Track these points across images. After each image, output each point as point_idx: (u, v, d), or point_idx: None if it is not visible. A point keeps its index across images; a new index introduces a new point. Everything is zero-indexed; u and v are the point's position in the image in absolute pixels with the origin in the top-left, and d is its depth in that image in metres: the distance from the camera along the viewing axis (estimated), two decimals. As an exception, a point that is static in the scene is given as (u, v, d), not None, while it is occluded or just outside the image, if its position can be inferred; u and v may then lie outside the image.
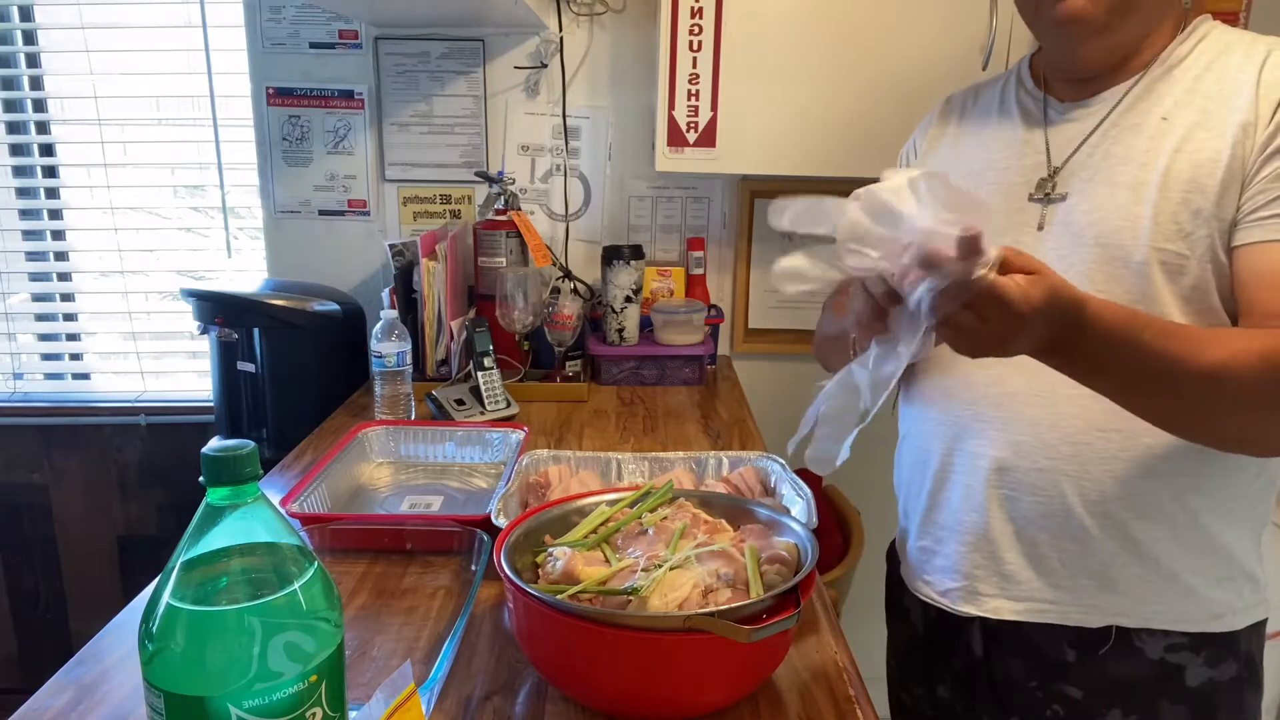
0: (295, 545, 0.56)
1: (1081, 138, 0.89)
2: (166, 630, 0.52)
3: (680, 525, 0.85)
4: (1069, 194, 0.88)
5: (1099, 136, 0.87)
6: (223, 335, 1.67)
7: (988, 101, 1.02)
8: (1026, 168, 0.92)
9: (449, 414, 1.51)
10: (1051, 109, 0.93)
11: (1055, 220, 0.88)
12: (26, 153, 2.09)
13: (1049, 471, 0.87)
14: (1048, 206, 0.89)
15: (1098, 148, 0.87)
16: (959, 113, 1.05)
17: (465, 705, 0.78)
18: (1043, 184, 0.90)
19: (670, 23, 1.53)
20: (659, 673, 0.71)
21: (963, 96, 1.07)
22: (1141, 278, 0.82)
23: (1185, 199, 0.80)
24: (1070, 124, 0.90)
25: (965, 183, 0.86)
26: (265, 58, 1.86)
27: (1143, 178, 0.83)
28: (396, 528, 1.07)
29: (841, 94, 1.56)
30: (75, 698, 0.77)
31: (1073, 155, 0.89)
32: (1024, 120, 0.95)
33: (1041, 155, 0.91)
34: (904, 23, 1.53)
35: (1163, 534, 0.86)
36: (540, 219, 1.92)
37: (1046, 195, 0.89)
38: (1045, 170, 0.90)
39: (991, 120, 0.99)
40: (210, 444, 0.54)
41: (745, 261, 1.93)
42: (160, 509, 2.19)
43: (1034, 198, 0.90)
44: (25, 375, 2.19)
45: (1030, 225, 0.90)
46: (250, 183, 1.99)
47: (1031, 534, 0.90)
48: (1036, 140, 0.92)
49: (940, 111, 1.08)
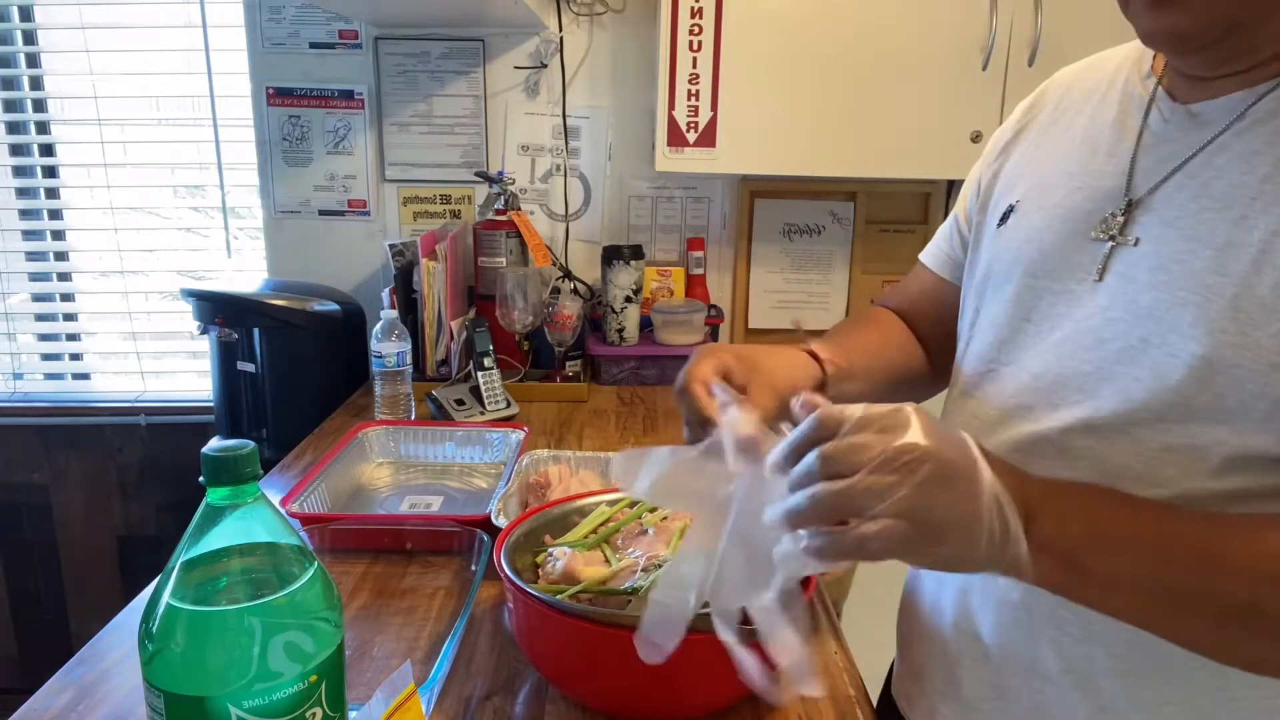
0: (295, 545, 0.56)
1: (1179, 159, 0.63)
2: (166, 630, 0.52)
3: (680, 525, 0.85)
4: (1141, 239, 0.63)
5: (1200, 163, 0.61)
6: (223, 335, 1.67)
7: (1097, 82, 0.74)
8: (1099, 192, 0.67)
9: (449, 414, 1.51)
10: (1156, 110, 0.66)
11: (1114, 272, 0.64)
12: (26, 153, 2.09)
13: (1021, 598, 0.67)
14: (1113, 253, 0.65)
15: (1193, 179, 0.61)
16: (1057, 98, 0.78)
17: (465, 705, 0.78)
18: (1111, 218, 0.65)
19: (670, 23, 1.53)
20: (659, 673, 0.71)
21: (1072, 74, 0.78)
22: (1196, 379, 0.57)
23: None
24: (1173, 136, 0.64)
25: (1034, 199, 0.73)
26: (265, 58, 1.86)
27: (1238, 238, 0.57)
28: (396, 528, 1.07)
29: (841, 94, 1.56)
30: (75, 698, 0.77)
31: (1161, 184, 0.63)
32: (1118, 120, 0.69)
33: (1121, 177, 0.66)
34: (904, 23, 1.53)
35: (1176, 696, 0.63)
36: (540, 219, 1.92)
37: (1111, 236, 0.65)
38: (1121, 198, 0.65)
39: (1087, 111, 0.73)
40: (210, 444, 0.54)
41: (745, 261, 1.93)
42: (160, 509, 2.19)
43: (1097, 237, 0.66)
44: (25, 375, 2.18)
45: (1085, 273, 0.66)
46: (250, 183, 1.99)
47: (998, 662, 0.71)
48: (1121, 153, 0.67)
49: (1034, 96, 0.81)
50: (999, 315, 0.73)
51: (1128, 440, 0.62)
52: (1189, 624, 0.53)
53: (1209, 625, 0.52)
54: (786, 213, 1.91)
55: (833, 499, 0.49)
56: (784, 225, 1.91)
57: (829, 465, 0.50)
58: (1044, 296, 0.69)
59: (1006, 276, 0.73)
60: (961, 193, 0.88)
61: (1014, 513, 0.50)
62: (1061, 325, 0.67)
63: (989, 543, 0.49)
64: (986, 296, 0.76)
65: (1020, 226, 0.73)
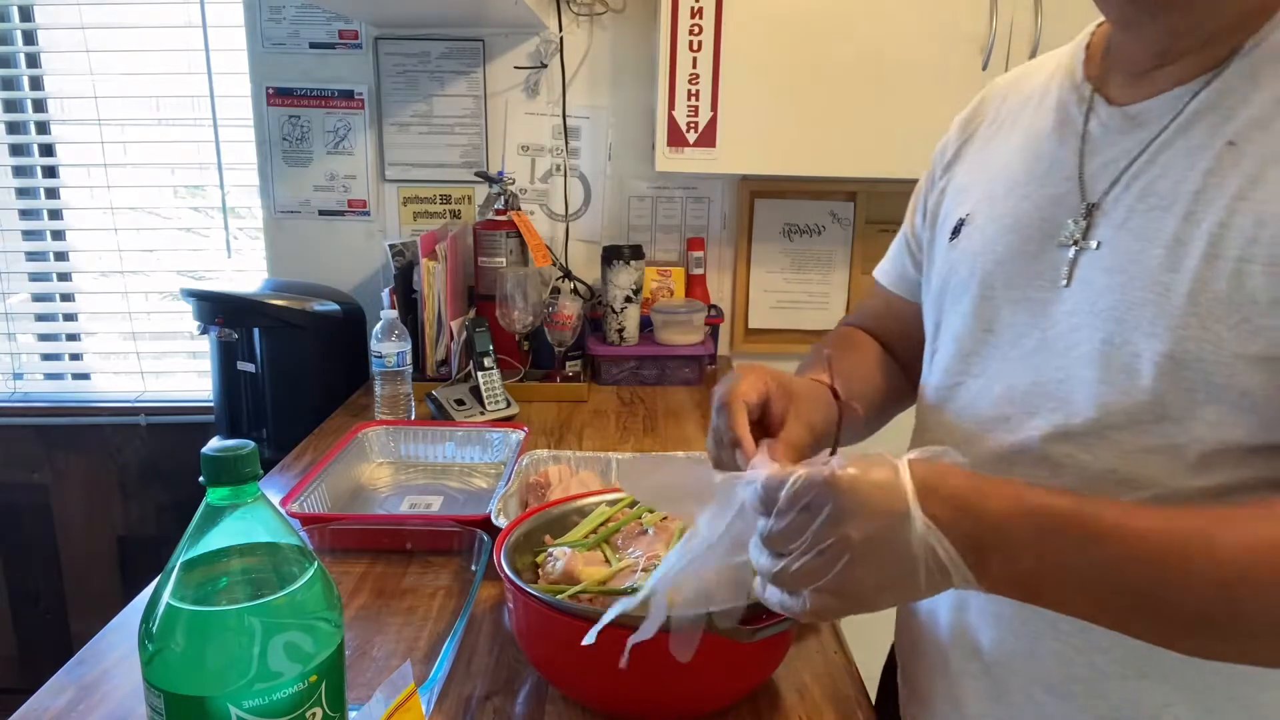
0: (295, 545, 0.56)
1: (1125, 161, 0.63)
2: (166, 630, 0.52)
3: (680, 525, 0.85)
4: (1102, 243, 0.63)
5: (1144, 162, 0.62)
6: (223, 335, 1.67)
7: (1030, 93, 0.75)
8: (1050, 201, 0.68)
9: (449, 414, 1.51)
10: (1095, 114, 0.67)
11: (1078, 277, 0.64)
12: (26, 153, 2.09)
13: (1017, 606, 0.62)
14: (1078, 258, 0.64)
15: (1139, 179, 0.62)
16: (995, 108, 0.79)
17: (465, 705, 0.78)
18: (1075, 224, 0.65)
19: (670, 23, 1.53)
20: (659, 673, 0.71)
21: (1005, 86, 0.80)
22: (1163, 375, 0.57)
23: (1238, 270, 0.55)
24: (1115, 139, 0.65)
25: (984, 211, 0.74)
26: (265, 58, 1.86)
27: (1186, 234, 0.58)
28: (396, 528, 1.07)
29: (841, 94, 1.56)
30: (75, 698, 0.77)
31: (1111, 187, 0.64)
32: (1057, 126, 0.70)
33: (1072, 183, 0.66)
34: (904, 23, 1.53)
35: (1178, 697, 0.63)
36: (540, 219, 1.92)
37: (1075, 241, 0.65)
38: (1076, 205, 0.66)
39: (1024, 123, 0.74)
40: (210, 444, 0.54)
41: (745, 261, 1.93)
42: (160, 509, 2.19)
43: (1061, 243, 0.66)
44: (25, 375, 2.18)
45: (1048, 281, 0.66)
46: (250, 183, 1.99)
47: (1000, 677, 0.70)
48: (1066, 158, 0.68)
49: (973, 108, 0.83)
50: (960, 328, 0.74)
51: (1106, 444, 0.62)
52: (1145, 633, 0.54)
53: (1164, 635, 0.53)
54: (786, 213, 1.91)
55: (777, 577, 0.54)
56: (784, 225, 1.91)
57: (771, 544, 0.54)
58: (1003, 307, 0.70)
59: (964, 289, 0.74)
60: (908, 211, 0.89)
61: (953, 553, 0.51)
62: (1029, 334, 0.67)
63: (929, 584, 0.51)
64: (945, 310, 0.77)
65: (973, 239, 0.74)
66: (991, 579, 0.52)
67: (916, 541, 0.50)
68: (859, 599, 0.52)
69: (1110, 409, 0.61)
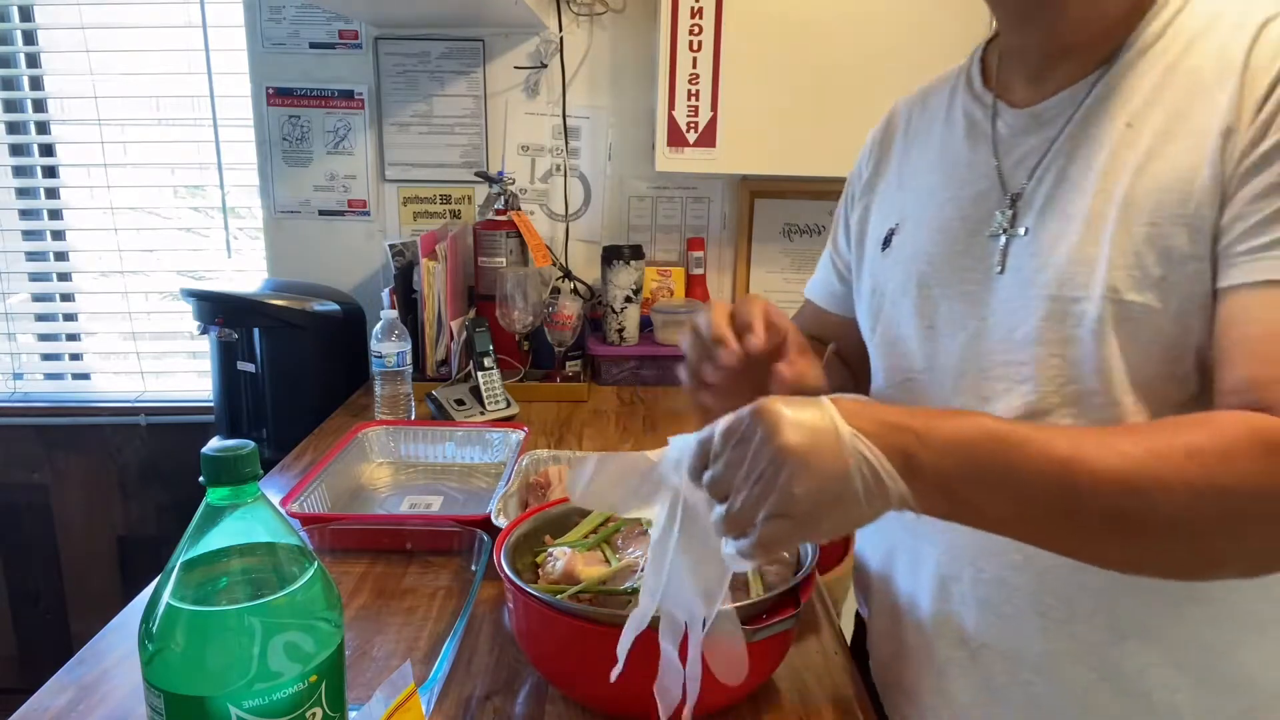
0: (295, 545, 0.56)
1: (1037, 155, 0.69)
2: (166, 630, 0.52)
3: (680, 525, 0.85)
4: (1029, 229, 0.69)
5: (1054, 153, 0.68)
6: (223, 335, 1.67)
7: (935, 109, 0.81)
8: (972, 199, 0.73)
9: (449, 414, 1.51)
10: (1001, 119, 0.73)
11: (1010, 265, 0.69)
12: (26, 153, 2.09)
13: (996, 583, 0.70)
14: (1009, 245, 0.70)
15: (1050, 169, 0.68)
16: (904, 127, 0.85)
17: (465, 705, 0.78)
18: (999, 218, 0.71)
19: (670, 23, 1.53)
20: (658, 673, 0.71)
21: (909, 105, 0.87)
22: (1098, 340, 0.63)
23: (1151, 233, 0.61)
24: (1024, 138, 0.71)
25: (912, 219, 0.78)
26: (265, 58, 1.86)
27: (1100, 208, 0.64)
28: (396, 528, 1.07)
29: (841, 94, 1.56)
30: (75, 698, 0.77)
31: (1029, 179, 0.70)
32: (969, 134, 0.76)
33: (991, 180, 0.72)
34: (904, 22, 1.53)
35: (1154, 659, 0.66)
36: (540, 219, 1.92)
37: (1005, 231, 0.70)
38: (1000, 198, 0.71)
39: (936, 135, 0.80)
40: (210, 444, 0.54)
41: (745, 261, 1.93)
42: (160, 509, 2.19)
43: (991, 234, 0.71)
44: (25, 375, 2.18)
45: (981, 272, 0.71)
46: (250, 183, 1.99)
47: (986, 661, 0.72)
48: (983, 160, 0.73)
49: (882, 130, 0.89)
50: (902, 330, 0.78)
51: (1064, 420, 0.65)
52: (1063, 536, 0.56)
53: (1079, 535, 0.55)
54: (786, 213, 1.91)
55: (728, 520, 0.55)
56: (784, 225, 1.92)
57: (715, 490, 0.57)
58: (941, 303, 0.74)
59: (902, 291, 0.78)
60: (831, 233, 0.96)
61: (882, 459, 0.53)
62: (968, 324, 0.72)
63: (866, 495, 0.53)
64: (883, 314, 0.81)
65: (905, 245, 0.78)
66: (922, 484, 0.54)
67: (846, 449, 0.53)
68: (805, 520, 0.54)
69: (1060, 380, 0.65)
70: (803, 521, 0.54)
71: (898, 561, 0.81)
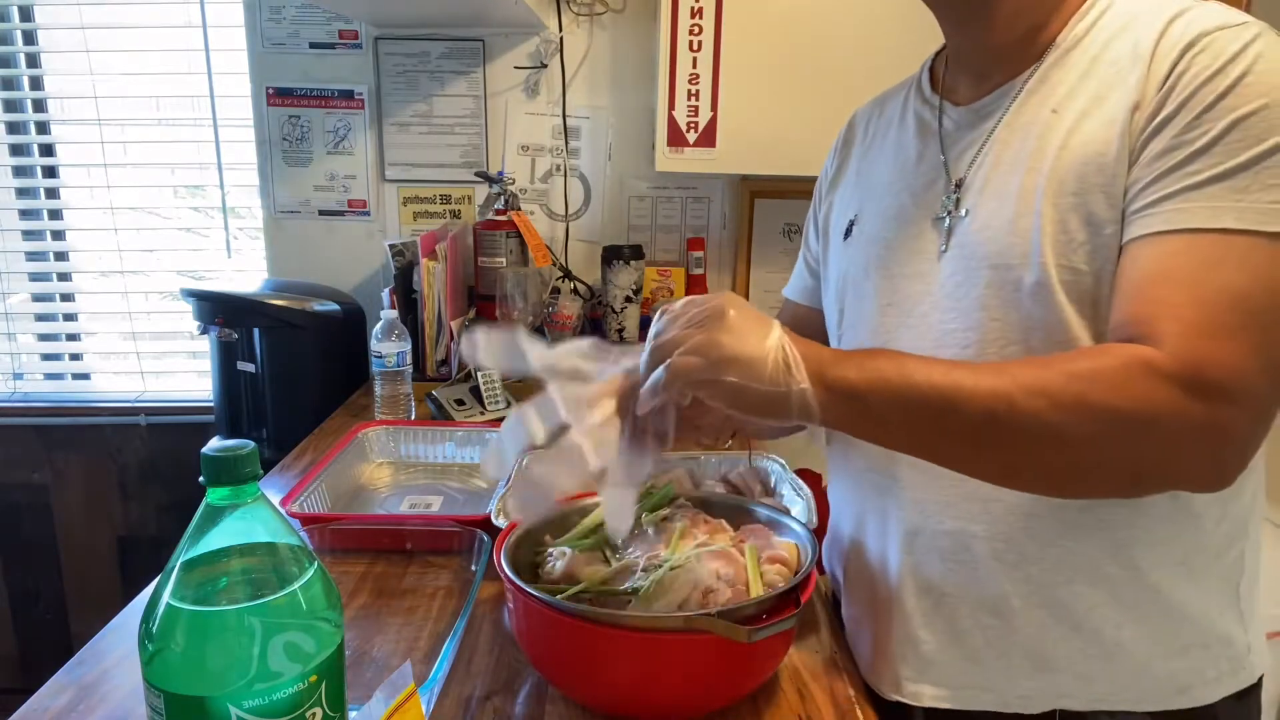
0: (295, 545, 0.56)
1: (977, 144, 0.77)
2: (166, 630, 0.52)
3: (680, 525, 0.85)
4: (969, 210, 0.76)
5: (991, 140, 0.76)
6: (223, 335, 1.67)
7: (891, 114, 0.90)
8: (923, 187, 0.81)
9: (449, 414, 1.51)
10: (947, 116, 0.81)
11: (954, 244, 0.77)
12: (26, 153, 2.09)
13: (956, 533, 0.76)
14: (952, 227, 0.77)
15: (988, 154, 0.76)
16: (863, 131, 0.94)
17: (465, 705, 0.78)
18: (945, 202, 0.78)
19: (670, 23, 1.53)
20: (659, 673, 0.71)
21: (868, 112, 0.96)
22: (1041, 303, 0.69)
23: (1076, 203, 0.68)
24: (966, 131, 0.79)
25: (870, 209, 0.86)
26: (265, 58, 1.86)
27: (1030, 184, 0.71)
28: (396, 528, 1.07)
29: (841, 94, 1.56)
30: (75, 698, 0.77)
31: (970, 166, 0.77)
32: (919, 133, 0.84)
33: (938, 170, 0.80)
34: (904, 23, 1.52)
35: (1100, 598, 0.73)
36: (540, 219, 1.92)
37: (948, 212, 0.77)
38: (945, 187, 0.78)
39: (891, 136, 0.88)
40: (210, 444, 0.54)
41: (745, 261, 1.93)
42: (160, 509, 2.19)
43: (938, 218, 0.78)
44: (25, 375, 2.19)
45: (931, 252, 0.79)
46: (250, 183, 1.99)
47: (949, 608, 0.78)
48: (931, 154, 0.81)
49: (844, 135, 0.99)
50: (865, 310, 0.85)
51: None
52: (945, 443, 0.65)
53: (958, 441, 0.64)
54: (786, 213, 1.91)
55: (653, 348, 0.66)
56: (784, 225, 1.92)
57: (656, 328, 0.67)
58: (899, 283, 0.81)
59: (864, 275, 0.85)
60: (803, 235, 1.04)
61: (797, 357, 0.63)
62: (921, 301, 0.79)
63: (774, 372, 0.63)
64: (848, 298, 0.88)
65: (864, 233, 0.87)
66: (828, 393, 0.63)
67: (773, 338, 0.64)
68: (715, 363, 0.63)
69: (998, 344, 0.72)
70: (710, 366, 0.63)
71: (868, 523, 0.86)
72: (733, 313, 0.64)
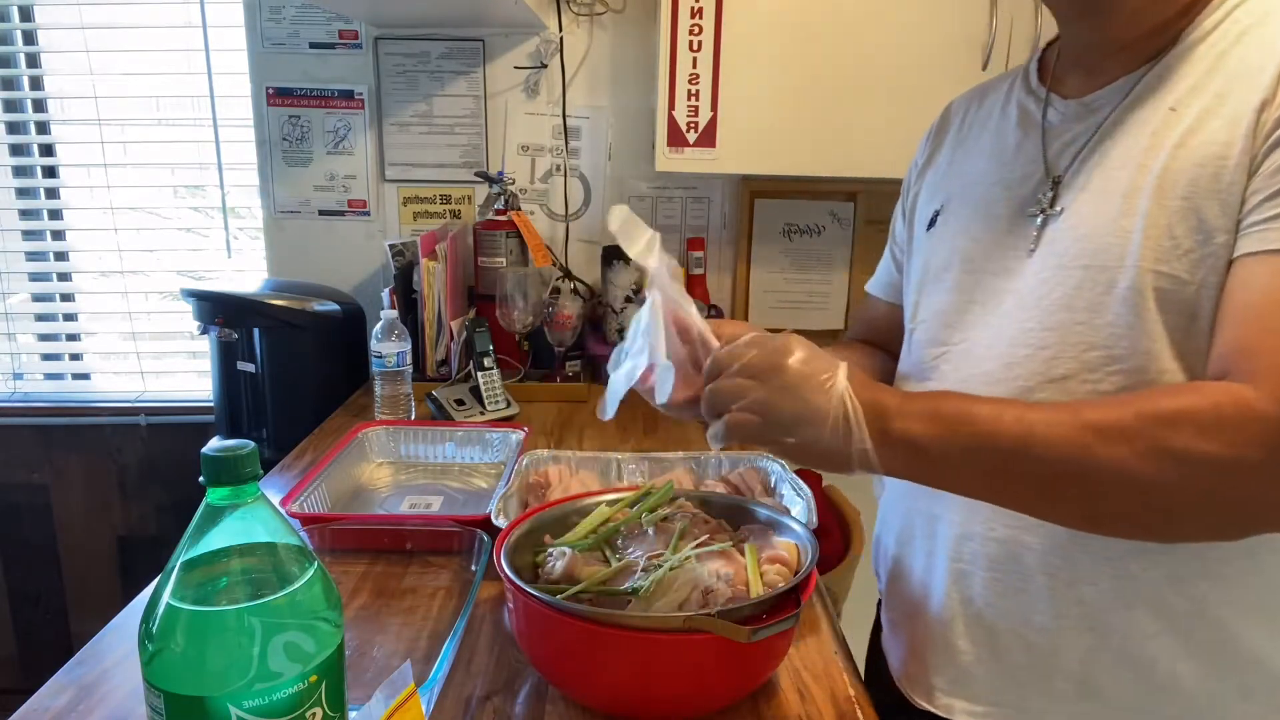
0: (295, 545, 0.56)
1: (1083, 140, 0.73)
2: (166, 630, 0.52)
3: (680, 525, 0.85)
4: (1064, 209, 0.72)
5: (1099, 137, 0.71)
6: (223, 335, 1.67)
7: (992, 104, 0.86)
8: (1019, 180, 0.77)
9: (449, 414, 1.51)
10: (1052, 109, 0.77)
11: (1045, 241, 0.73)
12: (26, 153, 2.09)
13: (1008, 541, 0.72)
14: (1045, 225, 0.73)
15: (1095, 150, 0.71)
16: (959, 121, 0.90)
17: (465, 705, 0.78)
18: (1040, 199, 0.74)
19: (670, 23, 1.53)
20: (659, 673, 0.71)
21: (965, 101, 0.92)
22: (1130, 310, 0.65)
23: (1185, 207, 0.63)
24: (1073, 125, 0.74)
25: (958, 201, 0.83)
26: (265, 58, 1.86)
27: (1138, 183, 0.66)
28: (396, 528, 1.07)
29: (841, 94, 1.56)
30: (75, 698, 0.77)
31: (1072, 163, 0.73)
32: (1020, 124, 0.80)
33: (1037, 164, 0.76)
34: (904, 22, 1.53)
35: (1157, 628, 0.68)
36: (540, 219, 1.92)
37: (1042, 210, 0.74)
38: (1042, 182, 0.75)
39: (991, 126, 0.84)
40: (210, 444, 0.54)
41: (745, 261, 1.93)
42: (160, 509, 2.19)
43: (1030, 214, 0.75)
44: (25, 375, 2.18)
45: (1022, 248, 0.75)
46: (250, 183, 1.99)
47: (989, 620, 0.74)
48: (1031, 147, 0.77)
49: (938, 124, 0.95)
50: (943, 303, 0.82)
51: (1080, 386, 0.67)
52: (1020, 491, 0.62)
53: (1037, 493, 0.61)
54: (786, 213, 1.91)
55: (710, 392, 0.66)
56: (784, 225, 1.91)
57: (712, 368, 0.66)
58: (984, 279, 0.78)
59: (945, 267, 0.82)
60: (890, 228, 1.00)
61: (860, 415, 0.62)
62: (1005, 299, 0.75)
63: (832, 433, 0.61)
64: (926, 290, 0.85)
65: (949, 224, 0.83)
66: (888, 445, 0.62)
67: (835, 393, 0.62)
68: (772, 426, 0.62)
69: (1084, 346, 0.68)
70: (769, 426, 0.62)
71: (916, 524, 0.83)
72: (793, 363, 0.62)
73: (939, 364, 0.80)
